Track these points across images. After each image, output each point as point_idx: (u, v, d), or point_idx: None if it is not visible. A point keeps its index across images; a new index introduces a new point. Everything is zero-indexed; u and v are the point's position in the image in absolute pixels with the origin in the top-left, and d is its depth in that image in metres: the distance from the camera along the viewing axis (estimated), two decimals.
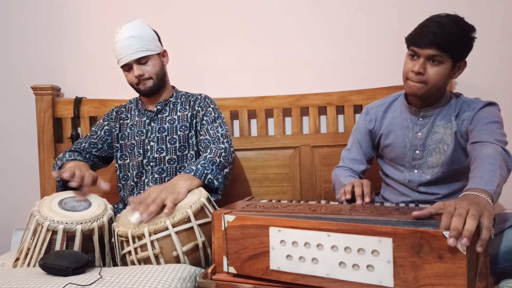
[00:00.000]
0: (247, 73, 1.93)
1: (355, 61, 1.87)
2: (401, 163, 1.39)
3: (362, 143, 1.47)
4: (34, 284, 0.95)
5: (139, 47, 1.47)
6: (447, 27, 1.18)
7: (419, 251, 0.80)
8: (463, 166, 1.28)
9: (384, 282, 0.83)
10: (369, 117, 1.47)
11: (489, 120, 1.20)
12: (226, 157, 1.41)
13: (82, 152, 1.55)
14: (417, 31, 1.23)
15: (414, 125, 1.35)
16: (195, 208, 1.16)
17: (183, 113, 1.58)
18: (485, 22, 1.82)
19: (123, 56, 1.47)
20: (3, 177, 2.02)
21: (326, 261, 0.89)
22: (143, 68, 1.50)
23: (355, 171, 1.45)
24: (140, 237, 1.14)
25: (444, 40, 1.17)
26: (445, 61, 1.20)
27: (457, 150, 1.29)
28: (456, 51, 1.20)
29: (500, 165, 1.01)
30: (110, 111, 1.67)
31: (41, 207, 1.21)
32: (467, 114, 1.27)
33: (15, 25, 2.00)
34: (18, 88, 1.98)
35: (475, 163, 1.05)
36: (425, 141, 1.33)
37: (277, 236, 0.94)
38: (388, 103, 1.45)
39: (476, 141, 1.16)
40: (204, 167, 1.33)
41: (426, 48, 1.19)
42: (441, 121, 1.31)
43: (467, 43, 1.21)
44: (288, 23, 1.91)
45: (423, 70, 1.21)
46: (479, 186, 0.93)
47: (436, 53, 1.18)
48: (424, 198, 1.35)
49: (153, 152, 1.54)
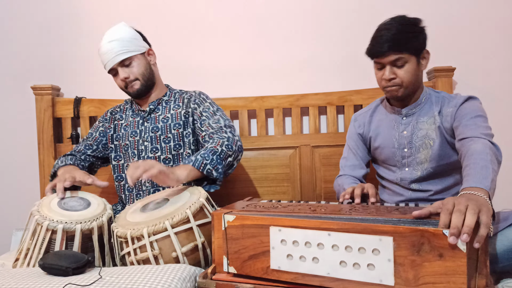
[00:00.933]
0: (247, 73, 1.93)
1: (355, 61, 1.87)
2: (392, 163, 1.42)
3: (357, 149, 1.51)
4: (34, 284, 0.95)
5: (120, 50, 1.45)
6: (394, 30, 1.26)
7: (419, 249, 0.81)
8: (452, 161, 1.32)
9: (385, 281, 0.84)
10: (357, 123, 1.52)
11: (473, 114, 1.23)
12: (229, 145, 1.36)
13: (77, 154, 1.57)
14: (372, 44, 1.31)
15: (399, 124, 1.40)
16: (194, 208, 1.16)
17: (176, 110, 1.56)
18: (486, 22, 1.82)
19: (107, 61, 1.46)
20: (3, 177, 2.02)
21: (327, 260, 0.89)
22: (127, 71, 1.48)
23: (356, 177, 1.47)
24: (139, 238, 1.13)
25: (397, 43, 1.25)
26: (409, 59, 1.27)
27: (443, 144, 1.32)
28: (412, 46, 1.27)
29: (491, 159, 1.03)
30: (105, 113, 1.67)
31: (41, 207, 1.21)
32: (450, 110, 1.30)
33: (15, 25, 2.00)
34: (18, 88, 1.98)
35: (467, 160, 1.07)
36: (411, 138, 1.37)
37: (278, 235, 0.94)
38: (372, 108, 1.51)
39: (463, 137, 1.18)
40: (204, 157, 1.29)
41: (386, 57, 1.27)
42: (424, 117, 1.36)
43: (419, 35, 1.29)
44: (288, 23, 1.91)
45: (393, 74, 1.29)
46: (474, 185, 0.94)
47: (396, 57, 1.26)
48: (417, 195, 1.37)
49: (147, 152, 1.53)
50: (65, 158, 1.53)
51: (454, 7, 1.85)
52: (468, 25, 1.85)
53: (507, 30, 1.81)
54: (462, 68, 1.82)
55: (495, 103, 1.82)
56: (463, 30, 1.85)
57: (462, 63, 1.82)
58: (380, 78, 1.33)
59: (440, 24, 1.84)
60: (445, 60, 1.77)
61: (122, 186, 1.58)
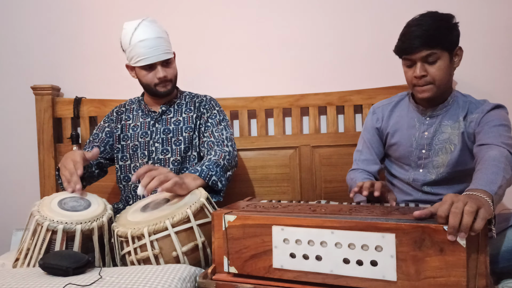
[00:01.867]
0: (247, 73, 1.93)
1: (355, 61, 1.87)
2: (406, 162, 1.39)
3: (373, 143, 1.47)
4: (34, 284, 0.95)
5: (166, 49, 1.47)
6: (425, 25, 1.21)
7: (421, 245, 0.83)
8: (469, 168, 1.27)
9: (388, 277, 0.85)
10: (375, 116, 1.47)
11: (497, 123, 1.20)
12: (230, 160, 1.41)
13: None
14: (402, 41, 1.25)
15: (421, 124, 1.35)
16: (194, 208, 1.16)
17: (188, 114, 1.57)
18: (486, 22, 1.82)
19: (150, 55, 1.44)
20: (3, 177, 2.02)
21: (330, 257, 0.90)
22: (167, 70, 1.49)
23: (370, 172, 1.44)
24: (139, 237, 1.13)
25: (428, 38, 1.20)
26: (441, 55, 1.22)
27: (464, 151, 1.29)
28: (444, 41, 1.22)
29: (504, 168, 1.01)
30: (110, 112, 1.65)
31: (41, 207, 1.20)
32: (475, 116, 1.27)
33: (15, 25, 2.00)
34: (18, 88, 1.98)
35: (479, 165, 1.05)
36: (431, 140, 1.33)
37: (280, 234, 0.94)
38: (394, 102, 1.46)
39: (482, 143, 1.16)
40: (209, 169, 1.33)
41: (417, 53, 1.22)
42: (449, 120, 1.31)
43: (452, 30, 1.24)
44: (288, 23, 1.91)
45: (425, 72, 1.23)
46: (479, 187, 0.94)
47: (428, 52, 1.21)
48: (427, 198, 1.35)
49: (157, 154, 1.53)
50: None
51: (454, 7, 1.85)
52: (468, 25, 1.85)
53: (507, 30, 1.81)
54: (462, 68, 1.81)
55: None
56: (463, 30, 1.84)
57: (462, 63, 1.81)
58: (411, 76, 1.26)
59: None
60: None
61: (130, 187, 1.57)
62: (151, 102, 1.60)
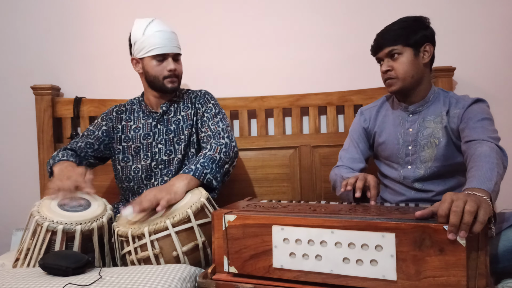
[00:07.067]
0: (247, 73, 1.93)
1: (355, 61, 1.87)
2: (395, 160, 1.41)
3: (359, 143, 1.50)
4: (34, 284, 0.95)
5: (178, 44, 1.52)
6: (389, 26, 1.35)
7: (421, 245, 0.83)
8: (457, 162, 1.31)
9: (388, 276, 0.86)
10: (363, 117, 1.52)
11: (480, 117, 1.23)
12: (227, 152, 1.38)
13: (77, 151, 1.53)
14: (373, 43, 1.38)
15: (405, 121, 1.40)
16: (195, 208, 1.16)
17: (186, 112, 1.56)
18: (486, 22, 1.83)
19: (165, 45, 1.46)
20: (3, 177, 2.01)
21: (330, 257, 0.90)
22: (176, 65, 1.51)
23: (354, 169, 1.46)
24: (140, 237, 1.13)
25: (389, 35, 1.32)
26: (403, 51, 1.30)
27: (449, 145, 1.32)
28: (405, 38, 1.30)
29: (497, 163, 1.03)
30: (110, 111, 1.62)
31: (41, 207, 1.20)
32: (457, 111, 1.30)
33: (16, 25, 2.00)
34: (18, 88, 1.98)
35: (472, 162, 1.07)
36: (416, 136, 1.36)
37: (280, 234, 0.94)
38: (379, 103, 1.52)
39: (470, 139, 1.18)
40: (204, 166, 1.31)
41: (381, 50, 1.33)
42: (431, 115, 1.36)
43: (418, 30, 1.31)
44: (288, 23, 1.91)
45: (389, 67, 1.33)
46: (477, 186, 0.95)
47: (389, 49, 1.31)
48: (419, 196, 1.37)
49: (161, 155, 1.53)
50: (66, 152, 1.48)
51: (454, 7, 1.85)
52: (468, 25, 1.85)
53: (507, 30, 1.81)
54: (462, 68, 1.82)
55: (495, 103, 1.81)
56: (463, 30, 1.85)
57: (462, 63, 1.82)
58: (381, 72, 1.37)
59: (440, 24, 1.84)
60: (445, 60, 1.77)
61: (130, 187, 1.55)
62: (151, 102, 1.58)
